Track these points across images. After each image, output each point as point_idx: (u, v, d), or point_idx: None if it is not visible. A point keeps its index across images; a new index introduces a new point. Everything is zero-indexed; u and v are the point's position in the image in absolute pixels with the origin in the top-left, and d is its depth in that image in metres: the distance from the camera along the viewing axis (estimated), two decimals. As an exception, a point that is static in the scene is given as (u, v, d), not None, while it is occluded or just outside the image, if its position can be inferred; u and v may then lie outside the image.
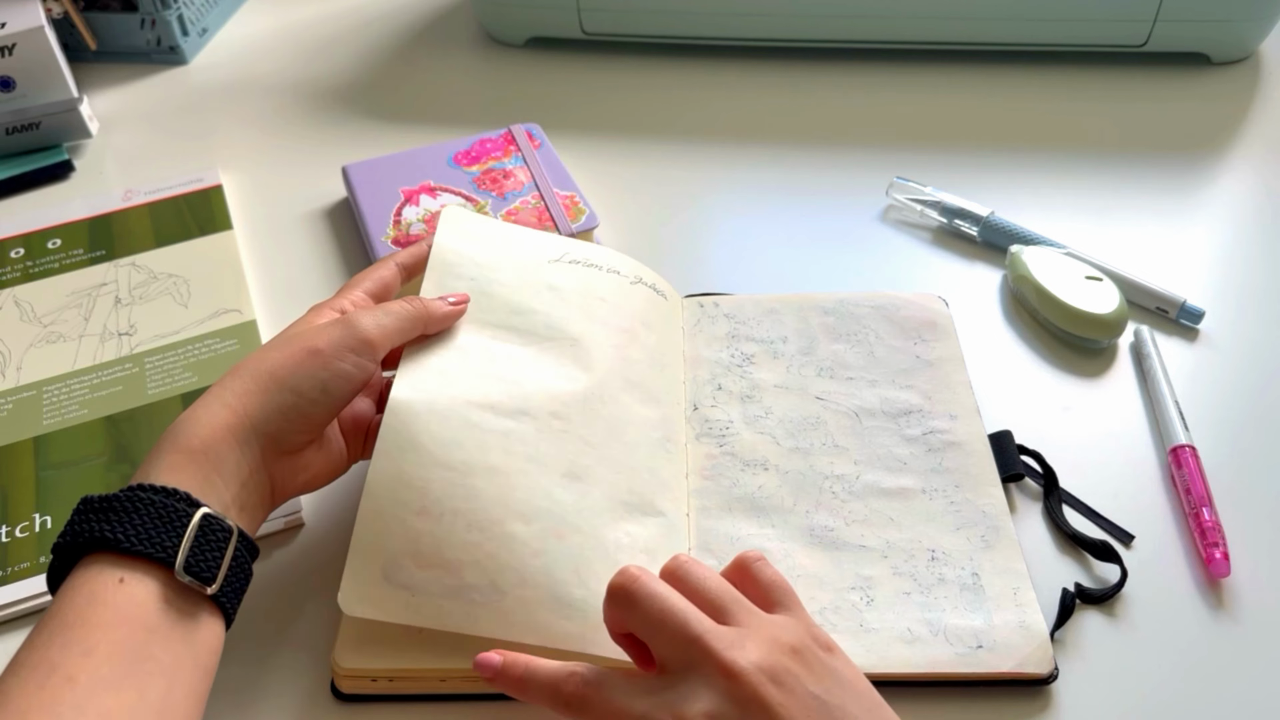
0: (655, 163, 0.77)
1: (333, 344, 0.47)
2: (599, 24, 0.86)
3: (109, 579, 0.40)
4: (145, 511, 0.41)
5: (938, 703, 0.46)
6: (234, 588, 0.43)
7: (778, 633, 0.39)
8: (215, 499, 0.43)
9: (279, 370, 0.46)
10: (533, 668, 0.41)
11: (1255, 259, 0.67)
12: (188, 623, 0.41)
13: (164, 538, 0.41)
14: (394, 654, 0.46)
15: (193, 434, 0.44)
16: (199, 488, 0.43)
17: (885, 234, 0.71)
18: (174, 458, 0.43)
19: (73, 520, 0.42)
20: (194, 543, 0.41)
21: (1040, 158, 0.76)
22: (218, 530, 0.42)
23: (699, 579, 0.42)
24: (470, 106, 0.84)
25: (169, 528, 0.41)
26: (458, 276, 0.55)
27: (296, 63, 0.91)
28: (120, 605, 0.39)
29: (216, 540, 0.42)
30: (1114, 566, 0.50)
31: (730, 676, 0.37)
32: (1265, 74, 0.83)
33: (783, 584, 0.43)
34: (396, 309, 0.50)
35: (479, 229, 0.58)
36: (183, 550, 0.41)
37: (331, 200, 0.76)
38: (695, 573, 0.42)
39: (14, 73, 0.78)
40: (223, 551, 0.42)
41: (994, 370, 0.60)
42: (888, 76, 0.84)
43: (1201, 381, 0.60)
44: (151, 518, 0.41)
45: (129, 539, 0.40)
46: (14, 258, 0.72)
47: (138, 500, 0.41)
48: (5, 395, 0.62)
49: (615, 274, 0.59)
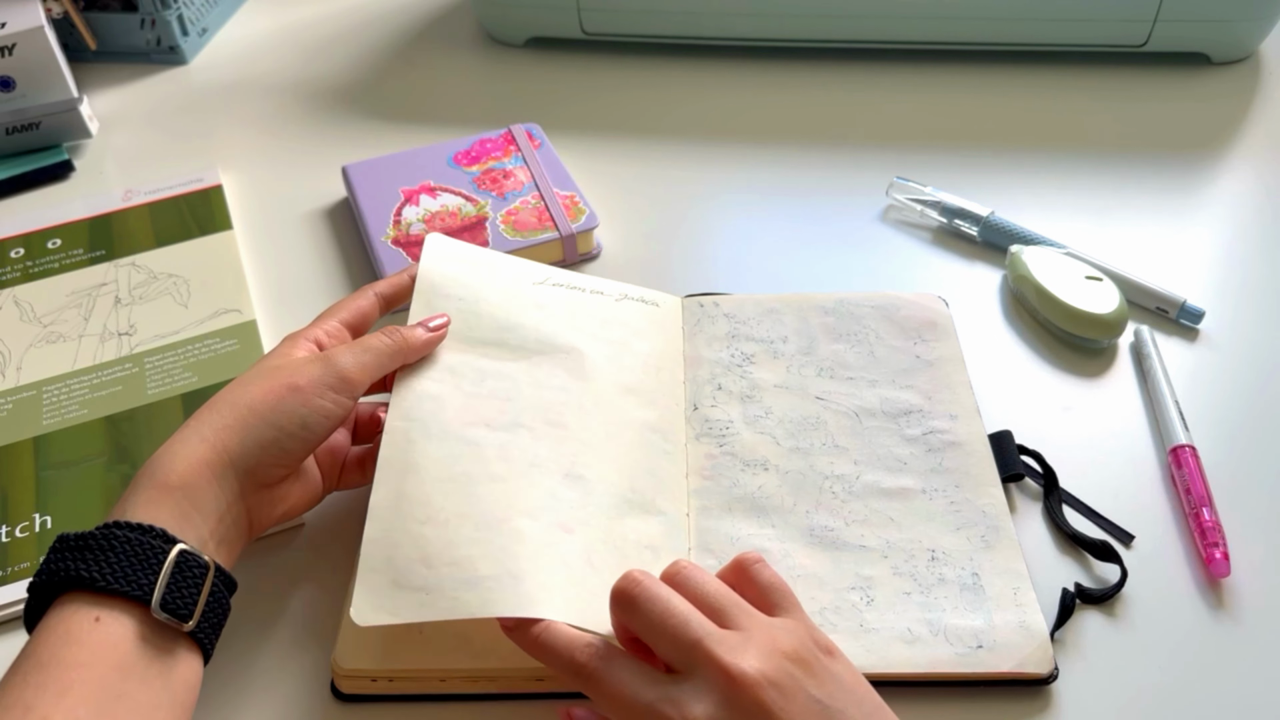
0: (655, 163, 0.77)
1: (313, 381, 0.47)
2: (599, 24, 0.86)
3: (85, 618, 0.40)
4: (121, 549, 0.41)
5: (938, 703, 0.46)
6: (211, 623, 0.43)
7: (778, 636, 0.39)
8: (193, 534, 0.43)
9: (259, 405, 0.46)
10: (551, 628, 0.42)
11: (1255, 259, 0.67)
12: (165, 660, 0.41)
13: (140, 575, 0.40)
14: (394, 654, 0.46)
15: (170, 469, 0.44)
16: (176, 523, 0.43)
17: (885, 234, 0.71)
18: (151, 493, 0.43)
19: (48, 559, 0.41)
20: (170, 580, 0.41)
21: (1040, 158, 0.76)
22: (194, 566, 0.42)
23: (698, 583, 0.42)
24: (470, 106, 0.84)
25: (145, 565, 0.41)
26: (445, 297, 0.55)
27: (296, 63, 0.91)
28: (96, 644, 0.39)
29: (193, 576, 0.42)
30: (1114, 566, 0.50)
31: (731, 681, 0.37)
32: (1265, 74, 0.83)
33: (782, 585, 0.43)
34: (375, 344, 0.50)
35: (463, 254, 0.59)
36: (159, 588, 0.41)
37: (331, 200, 0.76)
38: (694, 577, 0.42)
39: (14, 73, 0.78)
40: (199, 587, 0.42)
41: (994, 370, 0.60)
42: (888, 76, 0.84)
43: (1201, 381, 0.60)
44: (127, 555, 0.41)
45: (104, 577, 0.40)
46: (14, 258, 0.72)
47: (113, 538, 0.41)
48: (5, 395, 0.62)
49: (599, 294, 0.60)
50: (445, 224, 0.68)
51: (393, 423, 0.50)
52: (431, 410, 0.50)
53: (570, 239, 0.67)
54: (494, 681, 0.47)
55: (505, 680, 0.47)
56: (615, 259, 0.70)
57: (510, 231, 0.67)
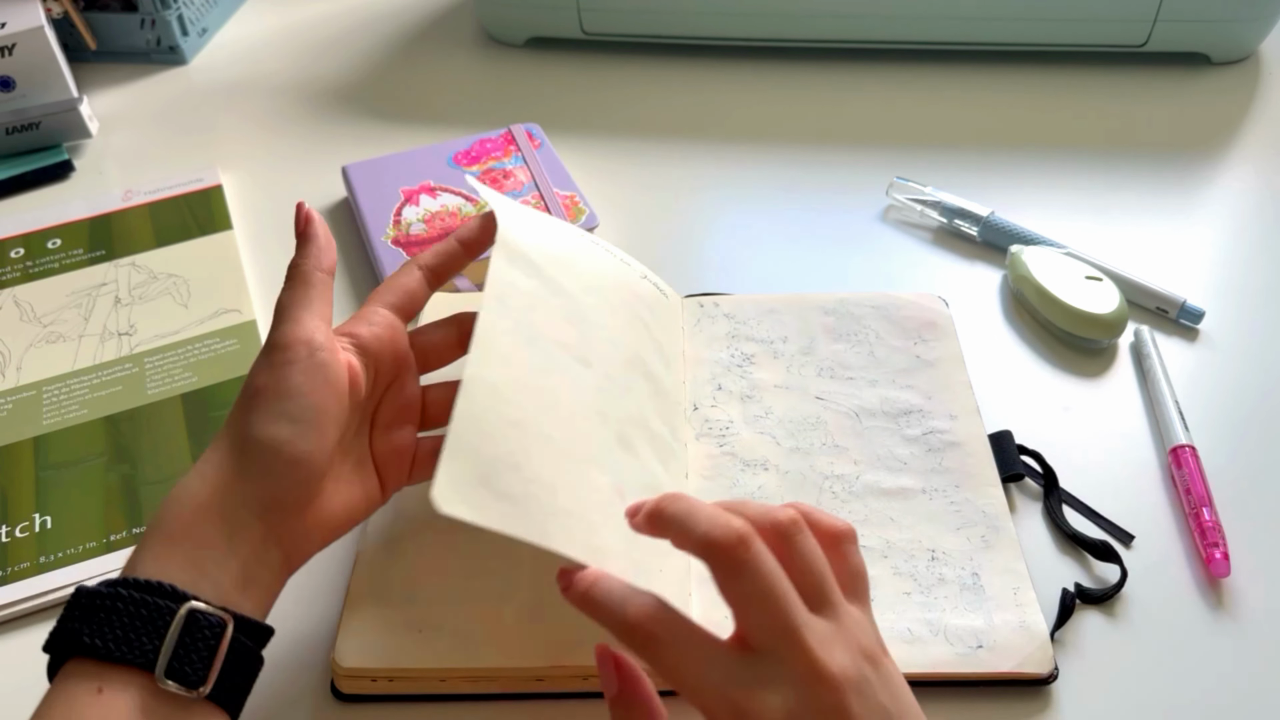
0: (655, 163, 0.77)
1: (302, 342, 0.42)
2: (599, 24, 0.86)
3: (88, 689, 0.36)
4: (126, 611, 0.37)
5: (938, 702, 0.46)
6: (235, 682, 0.39)
7: (859, 635, 0.37)
8: (209, 586, 0.39)
9: (251, 413, 0.41)
10: (609, 581, 0.38)
11: (1255, 259, 0.67)
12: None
13: (143, 640, 0.37)
14: (394, 654, 0.46)
15: (174, 517, 0.40)
16: (189, 576, 0.39)
17: (885, 234, 0.71)
18: (158, 547, 0.39)
19: (61, 619, 0.38)
20: (178, 643, 0.37)
21: (1040, 158, 0.76)
22: (205, 626, 0.38)
23: (810, 554, 0.37)
24: (470, 106, 0.84)
25: (150, 628, 0.37)
26: (525, 250, 0.49)
27: (296, 63, 0.91)
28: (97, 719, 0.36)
29: (204, 637, 0.38)
30: (1114, 566, 0.50)
31: (819, 679, 0.34)
32: (1265, 74, 0.83)
33: (865, 573, 0.40)
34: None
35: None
36: (164, 654, 0.37)
37: (331, 200, 0.76)
38: (808, 547, 0.37)
39: (14, 73, 0.78)
40: (214, 648, 0.38)
41: (994, 370, 0.60)
42: (888, 76, 0.84)
43: (1201, 381, 0.60)
44: (132, 617, 0.37)
45: (106, 644, 0.36)
46: (14, 258, 0.72)
47: (119, 598, 0.37)
48: (5, 395, 0.62)
49: (627, 265, 0.58)
50: (445, 224, 0.68)
51: (489, 301, 0.44)
52: (524, 306, 0.45)
53: (570, 239, 0.67)
54: (494, 681, 0.47)
55: (505, 680, 0.47)
56: (615, 259, 0.70)
57: (510, 231, 0.67)
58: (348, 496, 0.44)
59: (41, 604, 0.52)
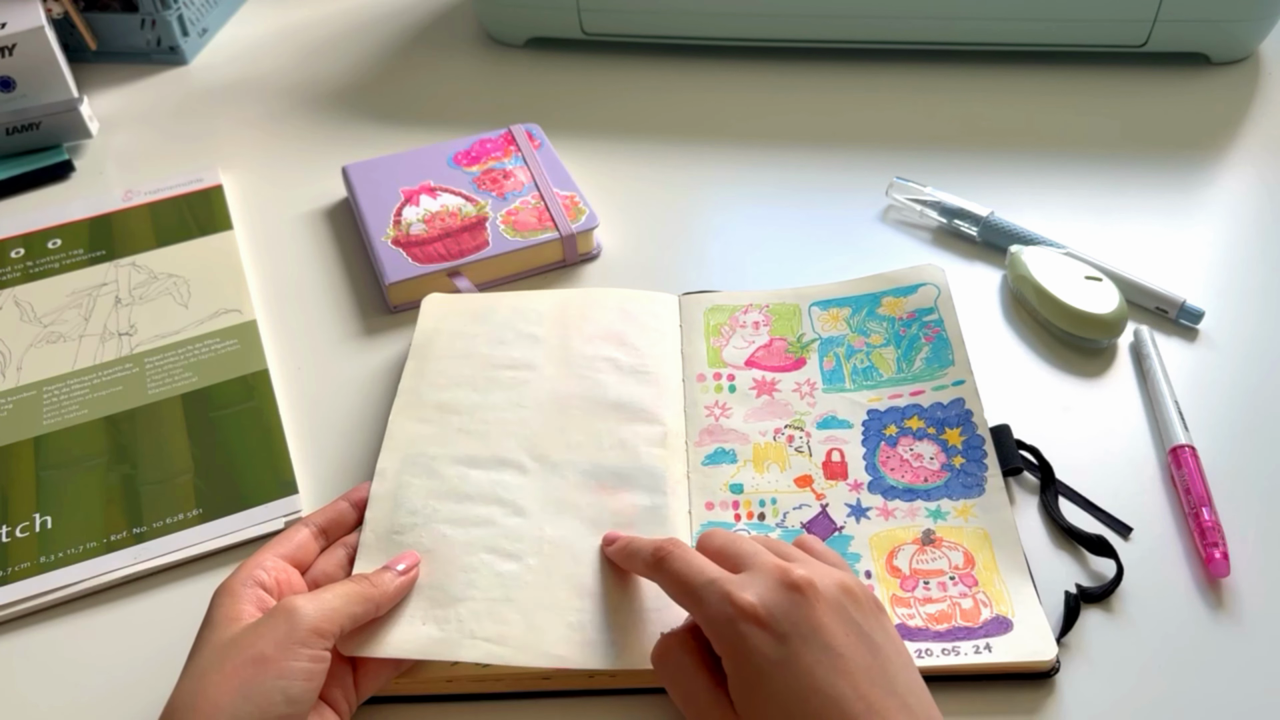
0: (655, 163, 0.77)
1: (280, 645, 0.41)
2: (599, 24, 0.86)
3: None
4: None
5: (939, 697, 0.46)
6: None
7: (837, 573, 0.42)
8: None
9: (224, 702, 0.39)
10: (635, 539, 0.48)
11: (1255, 259, 0.67)
12: None
13: None
14: (399, 654, 0.46)
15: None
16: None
17: (885, 234, 0.71)
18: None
19: None
20: None
21: (1040, 158, 0.76)
22: None
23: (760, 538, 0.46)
24: (470, 106, 0.84)
25: None
26: (438, 358, 0.58)
27: (296, 63, 0.91)
28: None
29: None
30: (1109, 561, 0.50)
31: (785, 574, 0.41)
32: (1265, 74, 0.83)
33: (839, 556, 0.47)
34: (342, 590, 0.44)
35: (459, 306, 0.62)
36: None
37: (331, 200, 0.76)
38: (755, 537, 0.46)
39: (14, 73, 0.78)
40: None
41: (994, 370, 0.60)
42: (888, 76, 0.84)
43: (1201, 381, 0.60)
44: None
45: None
46: (14, 258, 0.72)
47: None
48: (5, 395, 0.62)
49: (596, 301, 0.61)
50: (445, 224, 0.68)
51: (384, 463, 0.53)
52: (421, 448, 0.53)
53: (570, 239, 0.67)
54: (500, 681, 0.47)
55: (511, 680, 0.47)
56: (615, 259, 0.70)
57: (510, 232, 0.67)
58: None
59: (41, 604, 0.51)
